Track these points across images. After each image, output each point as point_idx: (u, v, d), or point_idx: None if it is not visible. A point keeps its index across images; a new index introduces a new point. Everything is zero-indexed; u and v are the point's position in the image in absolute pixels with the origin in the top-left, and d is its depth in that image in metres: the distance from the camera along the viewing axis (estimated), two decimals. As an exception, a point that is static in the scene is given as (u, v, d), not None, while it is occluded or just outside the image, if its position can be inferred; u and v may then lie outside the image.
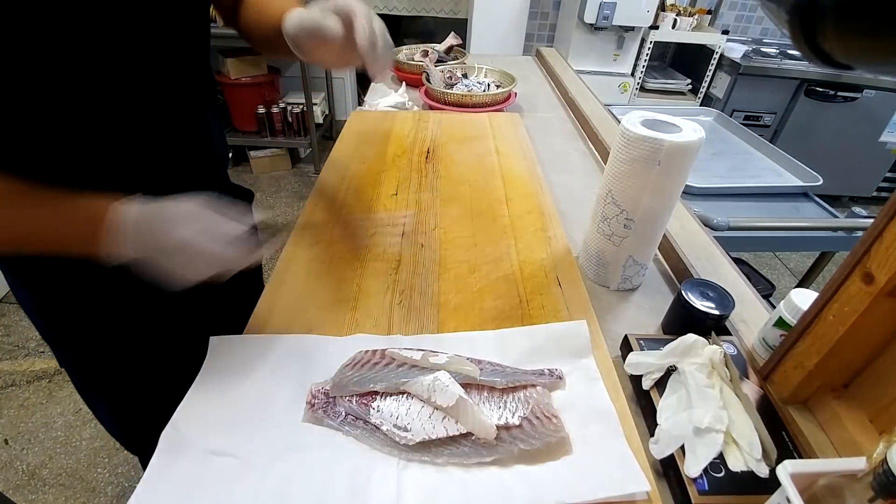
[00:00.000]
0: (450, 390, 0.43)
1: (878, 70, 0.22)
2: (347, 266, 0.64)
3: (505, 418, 0.44)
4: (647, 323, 0.63)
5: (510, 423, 0.44)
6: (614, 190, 0.59)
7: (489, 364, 0.50)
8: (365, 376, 0.47)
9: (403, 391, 0.46)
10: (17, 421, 1.45)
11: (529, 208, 0.79)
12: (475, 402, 0.45)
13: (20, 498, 1.27)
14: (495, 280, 0.63)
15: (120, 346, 0.64)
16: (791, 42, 0.22)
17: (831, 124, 2.54)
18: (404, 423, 0.43)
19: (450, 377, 0.45)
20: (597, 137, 1.09)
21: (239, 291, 0.70)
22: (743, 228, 1.07)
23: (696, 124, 0.56)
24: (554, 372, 0.49)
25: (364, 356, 0.50)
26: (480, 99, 1.17)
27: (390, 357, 0.49)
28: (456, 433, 0.42)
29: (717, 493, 0.40)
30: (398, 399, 0.45)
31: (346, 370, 0.48)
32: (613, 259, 0.65)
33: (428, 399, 0.44)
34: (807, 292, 0.52)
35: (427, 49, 1.43)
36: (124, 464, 1.36)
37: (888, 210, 0.38)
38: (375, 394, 0.46)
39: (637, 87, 2.69)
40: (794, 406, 0.48)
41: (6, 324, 1.77)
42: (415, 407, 0.44)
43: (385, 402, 0.45)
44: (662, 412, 0.46)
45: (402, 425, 0.43)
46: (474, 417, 0.43)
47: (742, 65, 2.46)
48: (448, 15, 2.78)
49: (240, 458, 0.41)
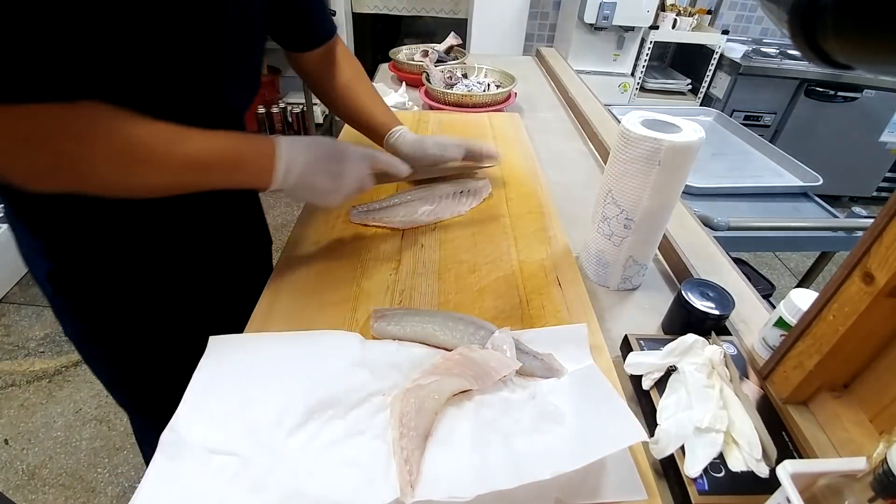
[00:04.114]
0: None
1: (878, 70, 0.22)
2: (347, 266, 0.64)
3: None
4: (647, 323, 0.63)
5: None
6: (614, 190, 0.59)
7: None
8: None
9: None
10: (17, 421, 1.45)
11: (529, 208, 0.79)
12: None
13: (20, 498, 1.27)
14: (495, 280, 0.63)
15: (129, 314, 0.66)
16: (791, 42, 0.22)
17: (831, 124, 2.54)
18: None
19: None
20: (597, 137, 1.09)
21: (248, 264, 0.79)
22: (743, 228, 1.07)
23: (696, 124, 0.56)
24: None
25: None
26: (480, 99, 1.17)
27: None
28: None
29: (717, 493, 0.40)
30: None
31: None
32: (613, 259, 0.65)
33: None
34: (807, 292, 0.52)
35: (427, 49, 1.43)
36: (124, 464, 1.36)
37: (888, 210, 0.38)
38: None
39: (637, 87, 2.70)
40: (794, 406, 0.48)
41: (6, 324, 1.77)
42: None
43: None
44: (662, 412, 0.46)
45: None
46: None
47: (742, 65, 2.46)
48: (448, 15, 2.77)
49: (241, 457, 0.41)
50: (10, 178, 0.43)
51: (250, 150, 0.53)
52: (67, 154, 0.43)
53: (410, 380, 0.47)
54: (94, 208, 0.56)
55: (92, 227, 0.58)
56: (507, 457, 0.41)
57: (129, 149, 0.45)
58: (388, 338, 0.54)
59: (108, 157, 0.45)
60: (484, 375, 0.47)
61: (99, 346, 0.68)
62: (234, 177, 0.52)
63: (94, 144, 0.44)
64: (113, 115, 0.44)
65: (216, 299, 0.72)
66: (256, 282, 0.62)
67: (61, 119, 0.42)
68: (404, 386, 0.47)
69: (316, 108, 2.73)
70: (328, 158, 0.57)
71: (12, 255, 2.19)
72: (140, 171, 0.47)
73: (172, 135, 0.48)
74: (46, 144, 0.42)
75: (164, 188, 0.50)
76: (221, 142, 0.51)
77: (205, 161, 0.50)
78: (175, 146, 0.48)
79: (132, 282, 0.64)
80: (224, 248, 0.73)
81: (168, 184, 0.50)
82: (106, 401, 1.50)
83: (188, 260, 0.68)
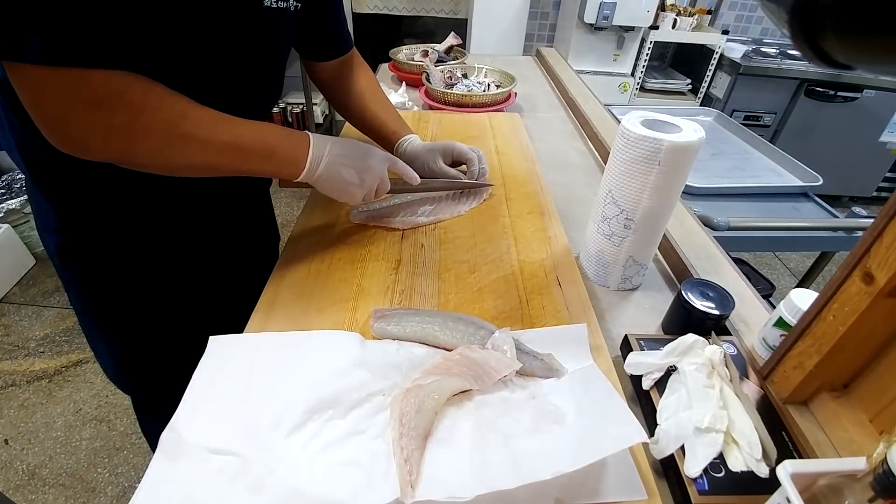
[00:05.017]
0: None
1: (878, 70, 0.22)
2: (347, 266, 0.64)
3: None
4: (647, 323, 0.63)
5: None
6: (614, 190, 0.59)
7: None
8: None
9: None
10: (17, 421, 1.45)
11: (529, 208, 0.79)
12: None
13: (20, 498, 1.27)
14: (495, 280, 0.63)
15: (131, 294, 0.68)
16: (791, 42, 0.22)
17: (831, 124, 2.54)
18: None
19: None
20: (597, 137, 1.09)
21: (255, 256, 0.83)
22: (743, 228, 1.07)
23: (696, 124, 0.56)
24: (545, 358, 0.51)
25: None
26: (480, 99, 1.17)
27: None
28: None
29: (717, 493, 0.40)
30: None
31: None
32: (613, 259, 0.65)
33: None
34: (807, 292, 0.52)
35: (427, 49, 1.43)
36: (124, 464, 1.36)
37: (888, 210, 0.38)
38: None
39: (637, 87, 2.69)
40: (794, 406, 0.48)
41: (6, 324, 1.77)
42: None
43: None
44: (662, 412, 0.46)
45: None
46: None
47: (742, 65, 2.46)
48: (448, 15, 2.77)
49: (241, 457, 0.41)
50: (63, 143, 0.46)
51: (286, 139, 0.57)
52: (122, 120, 0.46)
53: (410, 380, 0.47)
54: (113, 187, 0.58)
55: (106, 206, 0.60)
56: (508, 457, 0.41)
57: (177, 122, 0.48)
58: (388, 338, 0.54)
59: (158, 128, 0.48)
60: (484, 375, 0.47)
61: (98, 320, 0.71)
62: (269, 163, 0.56)
63: (146, 114, 0.46)
64: (165, 90, 0.48)
65: (220, 289, 0.74)
66: (262, 274, 0.63)
67: (119, 87, 0.44)
68: (404, 386, 0.47)
69: (316, 108, 2.73)
70: (355, 154, 0.62)
71: (12, 255, 2.17)
72: (185, 146, 0.50)
73: (216, 117, 0.52)
74: (104, 109, 0.44)
75: (204, 168, 0.53)
76: (260, 129, 0.55)
77: (243, 145, 0.53)
78: (218, 126, 0.51)
79: (137, 263, 0.66)
80: (232, 240, 0.76)
81: (208, 163, 0.52)
82: (106, 401, 1.50)
83: (196, 246, 0.70)
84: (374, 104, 0.80)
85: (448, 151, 0.79)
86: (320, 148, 0.59)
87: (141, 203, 0.62)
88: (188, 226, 0.68)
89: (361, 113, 0.80)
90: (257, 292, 0.59)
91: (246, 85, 0.60)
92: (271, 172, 0.57)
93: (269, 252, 0.90)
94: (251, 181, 0.78)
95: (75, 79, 0.42)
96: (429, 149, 0.78)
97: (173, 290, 0.70)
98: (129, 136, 0.47)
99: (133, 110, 0.46)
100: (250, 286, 0.63)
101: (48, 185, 0.59)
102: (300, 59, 0.78)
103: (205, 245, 0.71)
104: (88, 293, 0.68)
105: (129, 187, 0.59)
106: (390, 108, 0.82)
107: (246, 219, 0.79)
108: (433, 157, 0.77)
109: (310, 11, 0.67)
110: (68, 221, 0.61)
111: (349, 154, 0.61)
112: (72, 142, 0.46)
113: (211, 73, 0.55)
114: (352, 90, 0.80)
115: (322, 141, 0.59)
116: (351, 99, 0.80)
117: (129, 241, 0.64)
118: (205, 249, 0.71)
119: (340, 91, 0.80)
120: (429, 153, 0.77)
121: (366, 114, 0.80)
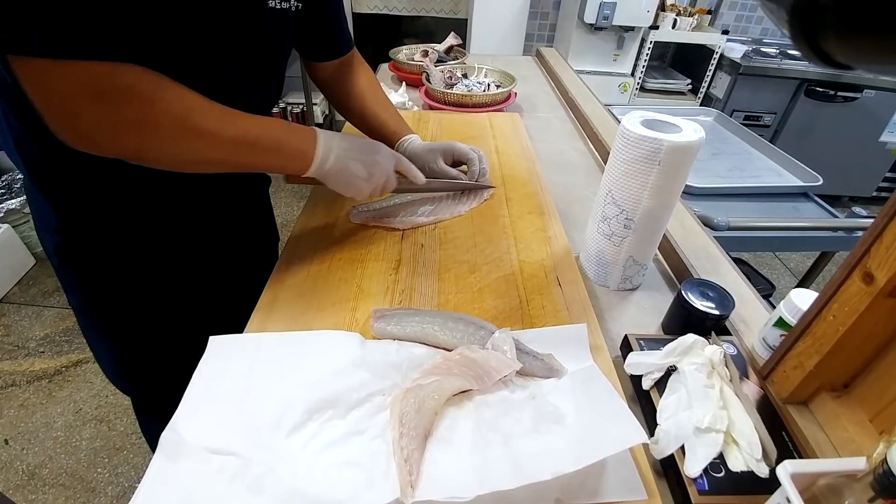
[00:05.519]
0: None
1: (878, 70, 0.22)
2: (347, 266, 0.64)
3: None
4: (647, 323, 0.63)
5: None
6: (614, 190, 0.59)
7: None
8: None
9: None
10: (17, 421, 1.45)
11: (529, 208, 0.79)
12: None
13: (20, 498, 1.27)
14: (495, 280, 0.63)
15: (128, 293, 0.68)
16: (791, 42, 0.22)
17: (831, 124, 2.54)
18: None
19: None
20: (597, 137, 1.09)
21: (254, 257, 0.83)
22: (743, 228, 1.07)
23: (696, 124, 0.56)
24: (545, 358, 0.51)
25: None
26: (480, 99, 1.17)
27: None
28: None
29: (717, 493, 0.40)
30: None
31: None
32: (613, 259, 0.65)
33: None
34: (807, 292, 0.52)
35: (427, 49, 1.43)
36: (124, 464, 1.36)
37: (888, 210, 0.38)
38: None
39: (637, 87, 2.70)
40: (794, 406, 0.48)
41: (6, 324, 1.77)
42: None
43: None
44: (662, 412, 0.46)
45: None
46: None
47: (742, 65, 2.46)
48: (448, 15, 2.77)
49: (241, 457, 0.41)
50: (73, 139, 0.45)
51: (294, 134, 0.57)
52: (132, 114, 0.45)
53: (410, 380, 0.47)
54: (111, 187, 0.59)
55: (105, 206, 0.60)
56: (508, 457, 0.41)
57: (188, 115, 0.48)
58: (388, 338, 0.54)
59: (168, 122, 0.47)
60: (484, 375, 0.47)
61: (97, 320, 0.71)
62: (277, 156, 0.56)
63: (157, 106, 0.46)
64: (174, 84, 0.48)
65: (220, 289, 0.75)
66: (262, 274, 0.63)
67: (129, 80, 0.44)
68: (404, 386, 0.47)
69: (316, 108, 2.73)
70: (363, 149, 0.63)
71: (12, 255, 2.17)
72: (195, 140, 0.49)
73: (224, 111, 0.51)
74: (114, 103, 0.44)
75: (213, 162, 0.53)
76: (266, 123, 0.55)
77: (252, 139, 0.53)
78: (227, 120, 0.51)
79: (136, 263, 0.66)
80: (232, 240, 0.76)
81: (217, 158, 0.52)
82: (106, 401, 1.50)
83: (195, 246, 0.70)
84: (375, 104, 0.81)
85: (448, 151, 0.79)
86: (328, 142, 0.59)
87: (140, 203, 0.62)
88: (187, 225, 0.68)
89: (362, 113, 0.80)
90: (257, 292, 0.59)
91: (247, 85, 0.60)
92: (280, 167, 0.57)
93: (268, 252, 0.90)
94: (251, 181, 0.78)
95: (84, 71, 0.41)
96: (429, 149, 0.78)
97: (173, 290, 0.70)
98: (140, 130, 0.46)
99: (144, 103, 0.45)
100: (250, 286, 0.63)
101: (47, 184, 0.59)
102: (300, 59, 0.78)
103: (204, 245, 0.71)
104: (87, 293, 0.68)
105: (128, 187, 0.59)
106: (390, 108, 0.82)
107: (246, 219, 0.79)
108: (434, 157, 0.77)
109: (310, 12, 0.67)
110: (67, 221, 0.61)
111: (357, 149, 0.62)
112: (81, 137, 0.45)
113: (214, 72, 0.55)
114: (352, 90, 0.80)
115: (329, 135, 0.60)
116: (351, 99, 0.80)
117: (127, 241, 0.64)
118: (204, 249, 0.71)
119: (341, 91, 0.80)
120: (429, 153, 0.78)
121: (366, 113, 0.80)
